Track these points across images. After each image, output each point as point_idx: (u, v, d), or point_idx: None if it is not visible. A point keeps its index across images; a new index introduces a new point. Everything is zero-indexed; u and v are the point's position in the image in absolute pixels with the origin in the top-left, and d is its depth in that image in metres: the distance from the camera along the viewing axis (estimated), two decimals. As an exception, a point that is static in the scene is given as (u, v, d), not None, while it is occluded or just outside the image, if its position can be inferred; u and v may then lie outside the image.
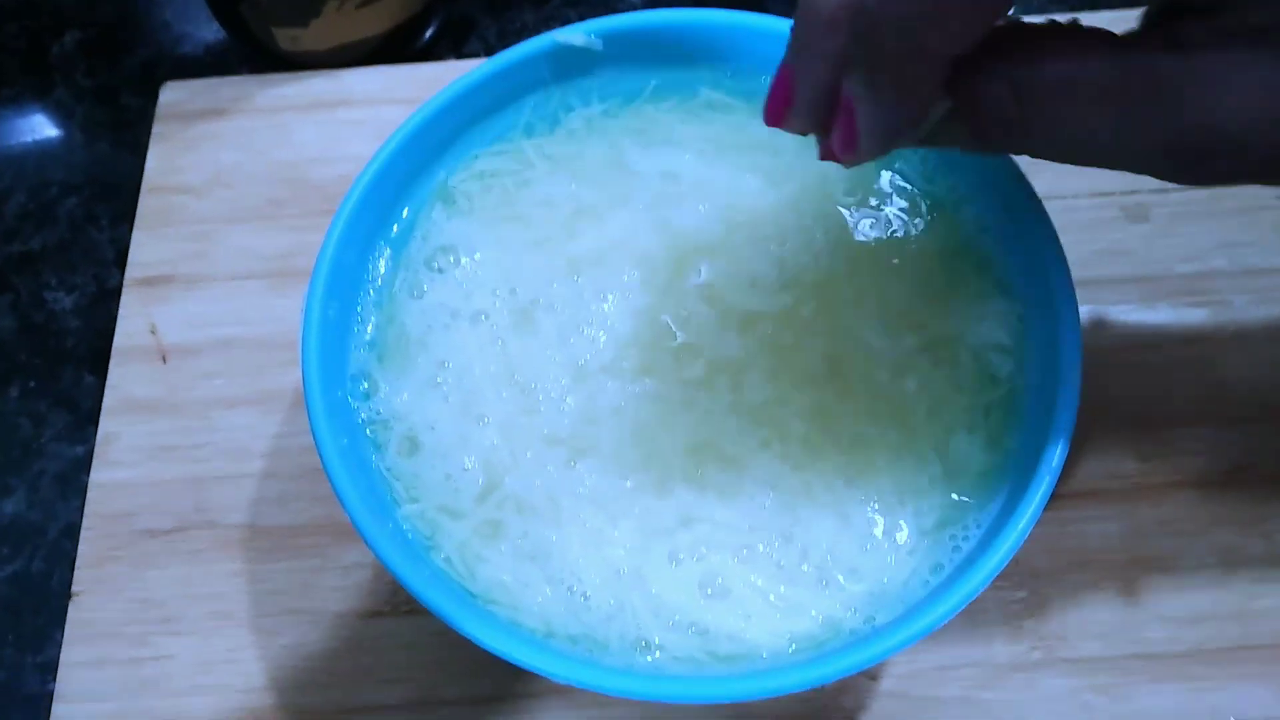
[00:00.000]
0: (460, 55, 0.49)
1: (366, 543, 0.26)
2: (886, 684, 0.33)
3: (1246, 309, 0.39)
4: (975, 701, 0.33)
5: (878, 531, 0.29)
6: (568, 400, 0.30)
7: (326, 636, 0.35)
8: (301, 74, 0.46)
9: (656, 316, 0.31)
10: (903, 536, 0.28)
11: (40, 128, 0.48)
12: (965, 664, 0.33)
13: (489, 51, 0.49)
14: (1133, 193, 0.41)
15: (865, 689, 0.33)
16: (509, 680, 0.34)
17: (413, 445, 0.30)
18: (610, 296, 0.32)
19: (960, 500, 0.29)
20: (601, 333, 0.31)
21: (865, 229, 0.32)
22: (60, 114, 0.48)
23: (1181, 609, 0.34)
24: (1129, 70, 0.20)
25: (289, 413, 0.38)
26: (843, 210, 0.32)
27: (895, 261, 0.32)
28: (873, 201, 0.32)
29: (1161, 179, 0.21)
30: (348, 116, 0.45)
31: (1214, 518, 0.35)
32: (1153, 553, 0.35)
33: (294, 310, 0.40)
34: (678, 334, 0.31)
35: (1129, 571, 0.35)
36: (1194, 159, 0.20)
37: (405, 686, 0.34)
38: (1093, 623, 0.34)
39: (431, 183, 0.34)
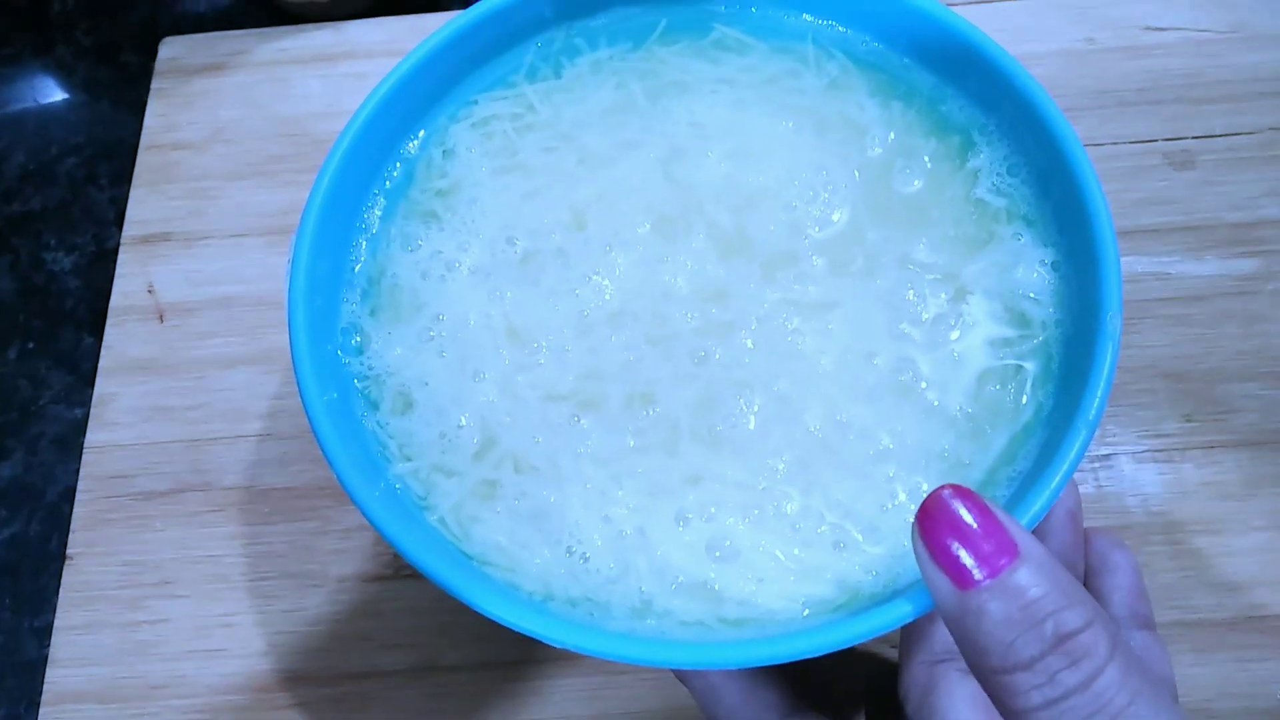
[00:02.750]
0: (466, 4, 0.48)
1: (354, 502, 0.25)
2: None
3: (1298, 258, 0.36)
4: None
5: (900, 490, 0.27)
6: (570, 354, 0.29)
7: (326, 601, 0.34)
8: (303, 26, 0.44)
9: (665, 268, 0.29)
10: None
11: (41, 87, 0.47)
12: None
13: None
14: (1177, 139, 0.38)
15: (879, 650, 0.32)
16: (512, 646, 0.33)
17: (406, 402, 0.28)
18: (617, 247, 0.30)
19: (989, 458, 0.27)
20: (607, 284, 0.29)
21: (892, 175, 0.30)
22: (61, 73, 0.47)
23: (1228, 575, 0.32)
24: None
25: (287, 373, 0.37)
26: (870, 154, 0.30)
27: (922, 208, 0.30)
28: (901, 145, 0.30)
29: None
30: (351, 69, 0.43)
31: (1263, 479, 0.33)
32: (1197, 516, 0.33)
33: (293, 267, 0.39)
34: (687, 286, 0.29)
35: (1172, 535, 0.33)
36: None
37: (406, 652, 0.33)
38: (1131, 590, 0.32)
39: (428, 130, 0.32)
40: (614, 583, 0.26)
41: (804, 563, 0.26)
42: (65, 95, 0.47)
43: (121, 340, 0.38)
